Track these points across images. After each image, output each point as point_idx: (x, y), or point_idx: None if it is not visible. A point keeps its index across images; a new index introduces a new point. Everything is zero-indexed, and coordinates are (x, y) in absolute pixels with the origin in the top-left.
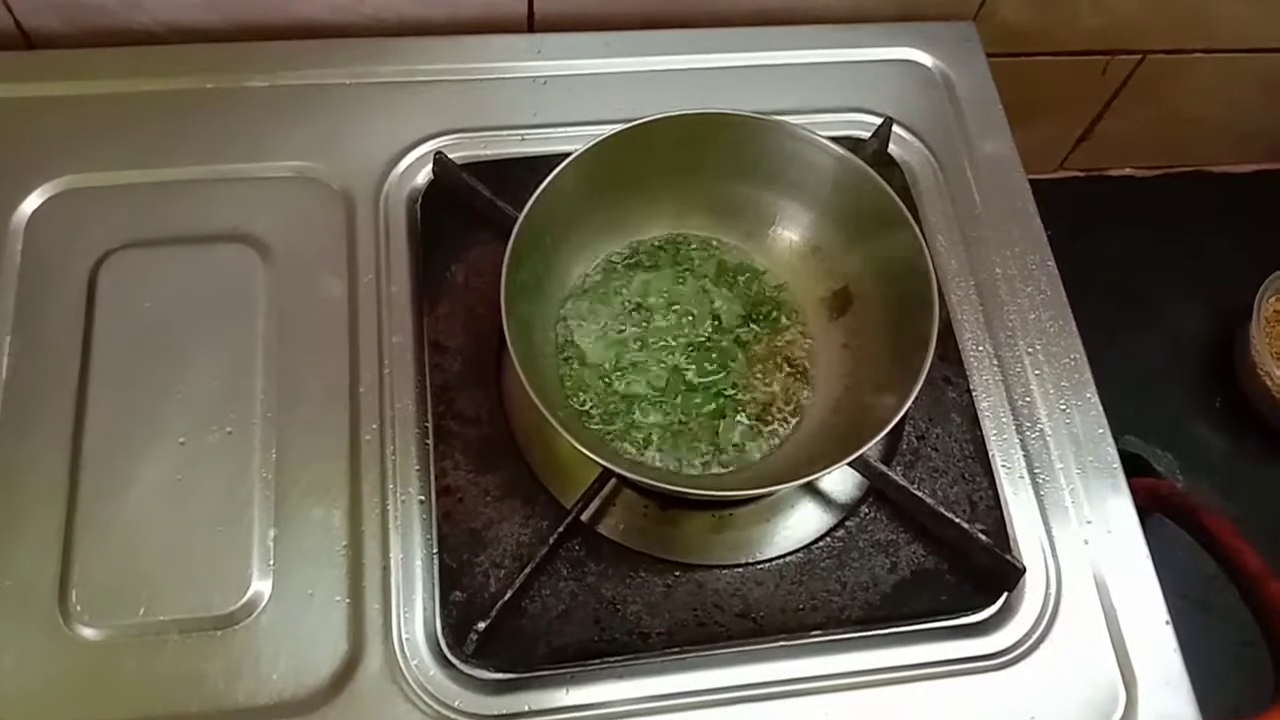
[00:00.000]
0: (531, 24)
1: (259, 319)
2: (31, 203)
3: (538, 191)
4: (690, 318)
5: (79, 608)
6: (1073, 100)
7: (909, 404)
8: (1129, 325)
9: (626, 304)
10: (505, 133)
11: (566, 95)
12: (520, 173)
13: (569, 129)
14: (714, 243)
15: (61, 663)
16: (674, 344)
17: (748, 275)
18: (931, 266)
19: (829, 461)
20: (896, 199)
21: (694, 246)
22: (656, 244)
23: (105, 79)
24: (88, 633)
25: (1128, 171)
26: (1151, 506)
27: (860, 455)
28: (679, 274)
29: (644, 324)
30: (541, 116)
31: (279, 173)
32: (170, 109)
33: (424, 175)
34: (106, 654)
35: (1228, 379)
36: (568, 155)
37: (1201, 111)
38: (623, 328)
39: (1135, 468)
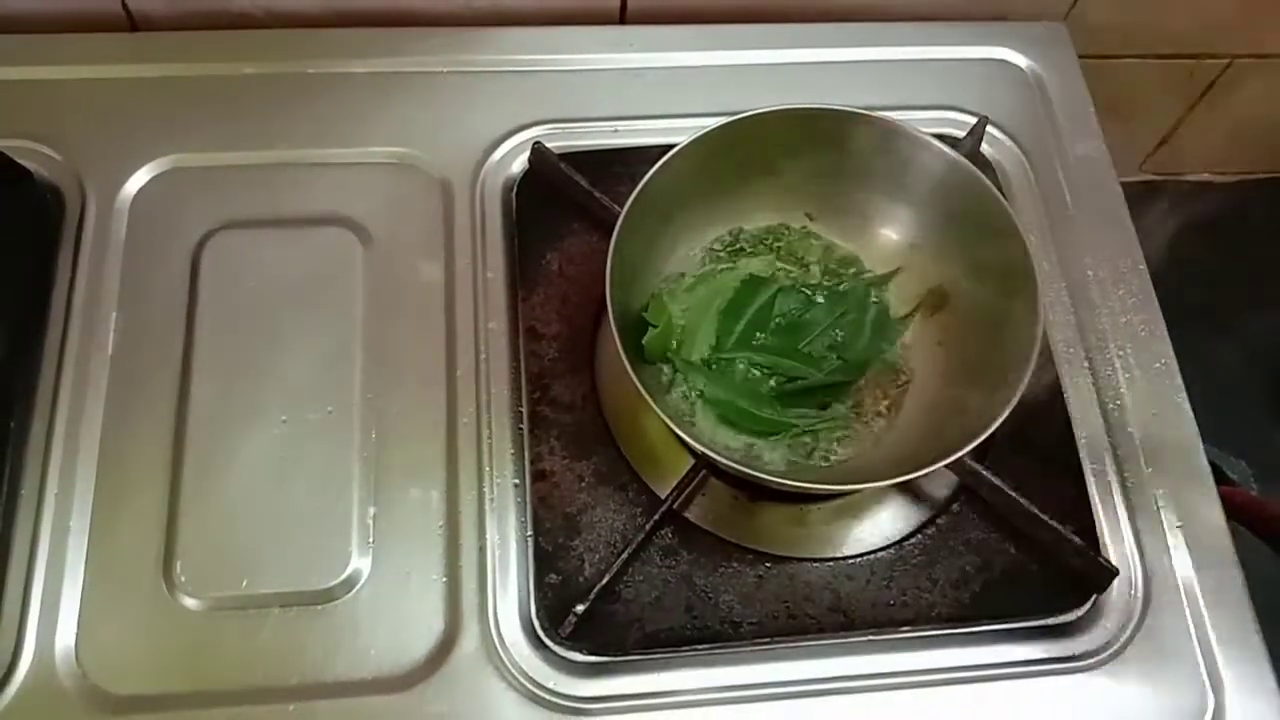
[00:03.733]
0: (623, 16)
1: (358, 301)
2: (136, 181)
3: (643, 182)
4: (789, 309)
5: (183, 578)
6: (1156, 103)
7: (1009, 409)
8: (1203, 332)
9: (723, 294)
10: (599, 124)
11: (659, 88)
12: (614, 164)
13: (662, 121)
14: (812, 234)
15: (165, 632)
16: (772, 334)
17: (853, 269)
18: (1037, 278)
19: (927, 460)
20: (1006, 204)
21: (794, 238)
22: (756, 234)
23: (208, 61)
24: (191, 603)
25: (1205, 177)
26: (1227, 514)
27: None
28: (778, 264)
29: (742, 313)
30: (634, 108)
31: (377, 158)
32: (270, 92)
33: (519, 164)
34: (209, 624)
35: None
36: (661, 147)
37: None
38: (721, 315)
39: None
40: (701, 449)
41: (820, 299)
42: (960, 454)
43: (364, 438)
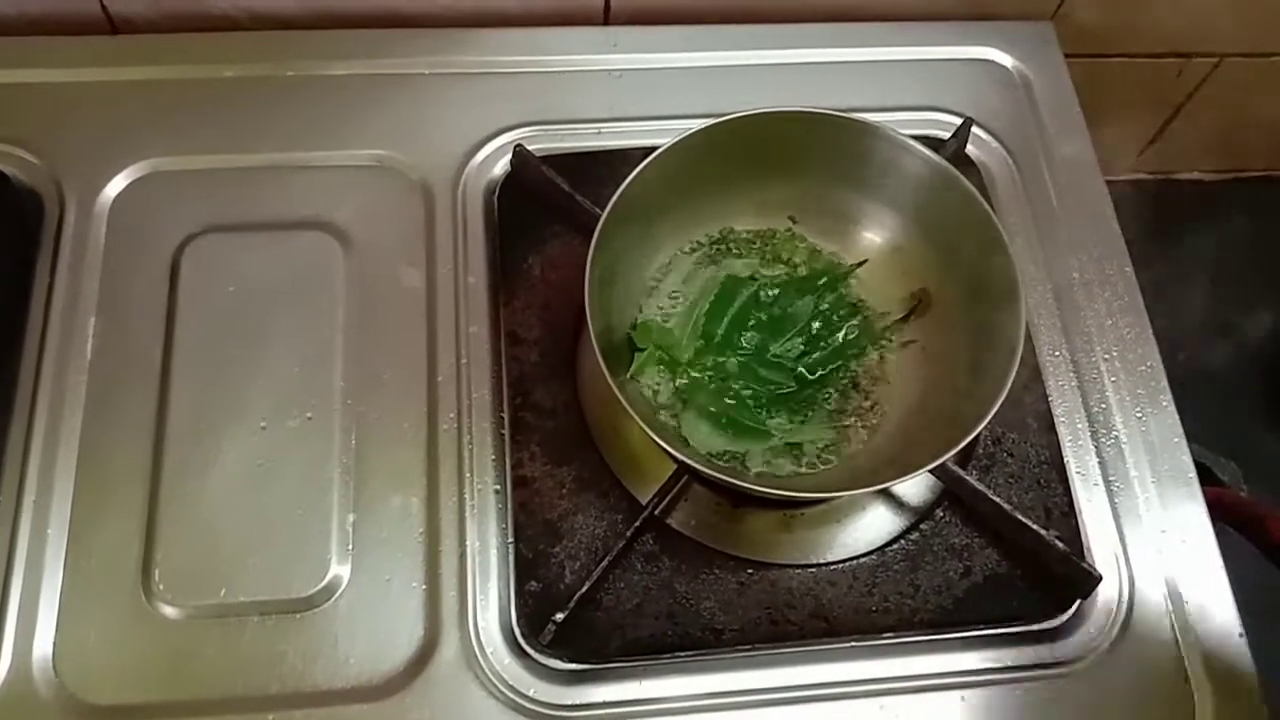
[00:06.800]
0: (607, 17)
1: (339, 306)
2: (116, 185)
3: (622, 186)
4: (772, 310)
5: (162, 587)
6: (1146, 103)
7: (993, 413)
8: (1193, 332)
9: (705, 295)
10: (581, 126)
11: (642, 89)
12: (596, 166)
13: (645, 123)
14: (797, 237)
15: (144, 640)
16: (754, 337)
17: (831, 272)
18: (1020, 281)
19: (910, 466)
20: (988, 207)
21: (779, 241)
22: (744, 236)
23: (188, 64)
24: (170, 612)
25: (1196, 175)
26: (1217, 516)
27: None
28: (760, 267)
29: (724, 315)
30: (617, 110)
31: (358, 161)
32: (251, 95)
33: (501, 167)
34: (188, 633)
35: None
36: (644, 150)
37: (1274, 115)
38: (704, 320)
39: (1199, 477)
40: (683, 458)
41: (799, 297)
42: (943, 459)
43: (344, 443)
